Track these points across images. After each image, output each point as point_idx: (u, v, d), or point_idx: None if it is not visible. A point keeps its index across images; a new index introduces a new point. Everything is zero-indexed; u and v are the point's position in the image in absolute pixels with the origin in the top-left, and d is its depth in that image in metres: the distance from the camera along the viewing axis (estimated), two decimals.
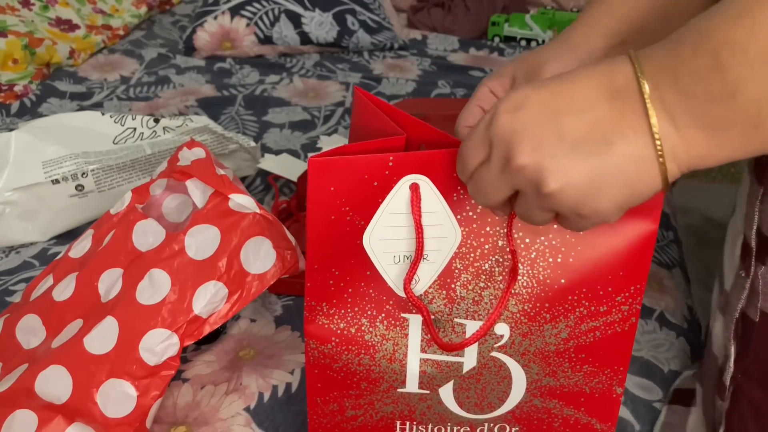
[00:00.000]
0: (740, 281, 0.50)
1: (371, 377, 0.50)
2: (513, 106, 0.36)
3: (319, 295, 0.48)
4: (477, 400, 0.51)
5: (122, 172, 0.90)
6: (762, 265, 0.48)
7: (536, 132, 0.36)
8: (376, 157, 0.42)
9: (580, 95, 0.36)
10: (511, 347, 0.48)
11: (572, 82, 0.36)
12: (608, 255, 0.45)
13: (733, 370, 0.51)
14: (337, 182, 0.43)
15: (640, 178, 0.35)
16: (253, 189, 1.03)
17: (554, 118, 0.35)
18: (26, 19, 1.38)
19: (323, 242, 0.46)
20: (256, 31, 1.50)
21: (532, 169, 0.36)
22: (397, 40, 1.60)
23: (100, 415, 0.56)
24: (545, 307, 0.47)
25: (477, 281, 0.47)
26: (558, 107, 0.36)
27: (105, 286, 0.62)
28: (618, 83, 0.35)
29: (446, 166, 0.43)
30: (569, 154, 0.35)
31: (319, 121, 1.25)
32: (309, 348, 0.50)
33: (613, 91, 0.35)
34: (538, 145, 0.35)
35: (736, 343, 0.50)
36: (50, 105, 1.26)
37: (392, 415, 0.52)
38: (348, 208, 0.44)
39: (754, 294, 0.49)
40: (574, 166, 0.35)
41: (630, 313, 0.47)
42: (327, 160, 0.42)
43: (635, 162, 0.35)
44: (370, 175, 0.43)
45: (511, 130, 0.36)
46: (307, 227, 0.45)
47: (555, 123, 0.35)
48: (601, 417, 0.51)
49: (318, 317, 0.49)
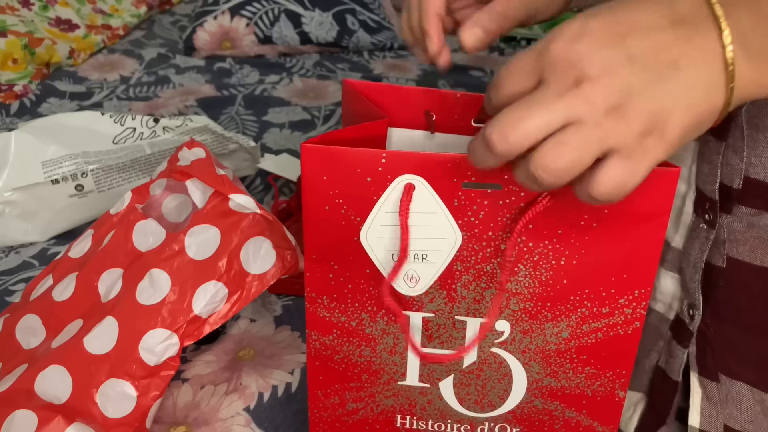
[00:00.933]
0: (700, 234, 0.52)
1: (372, 369, 0.51)
2: (572, 35, 0.34)
3: (319, 287, 0.48)
4: (477, 397, 0.51)
5: (122, 172, 0.90)
6: (727, 215, 0.49)
7: (606, 55, 0.34)
8: (369, 152, 0.42)
9: (642, 20, 0.34)
10: (512, 344, 0.48)
11: (630, 10, 0.35)
12: (613, 258, 0.45)
13: (701, 317, 0.52)
14: (329, 172, 0.43)
15: (707, 105, 0.34)
16: (253, 189, 1.03)
17: (621, 40, 0.34)
18: (26, 18, 1.38)
19: (319, 232, 0.46)
20: (256, 31, 1.50)
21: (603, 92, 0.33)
22: (397, 40, 1.60)
23: (99, 415, 0.56)
24: (546, 306, 0.47)
25: (478, 282, 0.47)
26: (622, 31, 0.34)
27: (105, 286, 0.62)
28: (681, 9, 0.34)
29: (445, 170, 0.43)
30: (641, 74, 0.34)
31: (319, 121, 1.25)
32: (310, 339, 0.50)
33: (676, 18, 0.34)
34: (611, 66, 0.34)
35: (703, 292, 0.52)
36: (50, 105, 1.26)
37: (392, 409, 0.52)
38: (342, 200, 0.44)
39: (718, 243, 0.50)
40: (648, 88, 0.34)
41: (634, 317, 0.47)
42: (319, 148, 0.42)
43: (706, 88, 0.34)
44: (363, 169, 0.43)
45: (577, 57, 0.34)
46: (302, 215, 0.45)
47: (623, 45, 0.34)
48: (603, 420, 0.51)
49: (319, 309, 0.49)
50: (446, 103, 0.55)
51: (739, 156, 0.48)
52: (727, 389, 0.52)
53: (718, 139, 0.49)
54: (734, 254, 0.50)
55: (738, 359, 0.51)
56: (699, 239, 0.52)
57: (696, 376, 0.54)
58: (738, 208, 0.49)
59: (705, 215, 0.51)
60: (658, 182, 0.42)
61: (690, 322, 0.53)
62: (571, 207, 0.43)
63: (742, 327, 0.51)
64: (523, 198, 0.43)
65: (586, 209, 0.43)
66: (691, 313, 0.53)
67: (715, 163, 0.49)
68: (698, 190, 0.52)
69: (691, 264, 0.53)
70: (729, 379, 0.52)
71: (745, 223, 0.49)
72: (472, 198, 0.44)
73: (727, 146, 0.48)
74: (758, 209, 0.48)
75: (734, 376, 0.52)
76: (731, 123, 0.48)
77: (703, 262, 0.52)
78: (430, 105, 0.55)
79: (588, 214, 0.43)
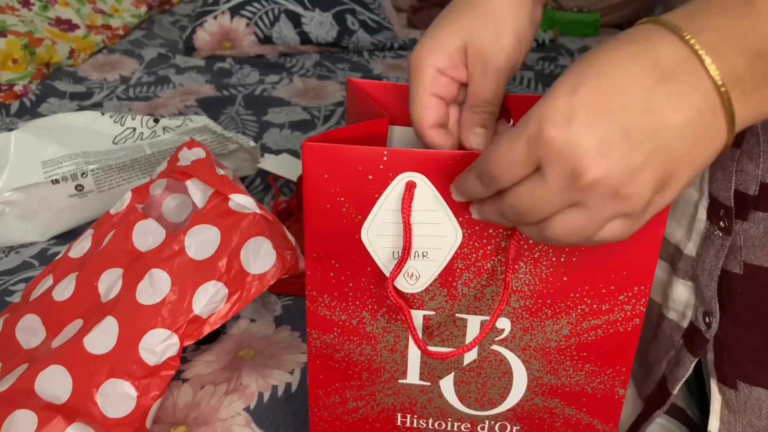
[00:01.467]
0: (715, 241, 0.51)
1: (372, 367, 0.51)
2: (562, 118, 0.33)
3: (319, 285, 0.48)
4: (478, 395, 0.51)
5: (122, 172, 0.90)
6: (744, 221, 0.49)
7: (599, 138, 0.32)
8: (370, 150, 0.42)
9: (628, 85, 0.33)
10: (512, 341, 0.48)
11: (612, 74, 0.33)
12: (612, 255, 0.45)
13: (718, 324, 0.52)
14: (330, 170, 0.43)
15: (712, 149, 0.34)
16: (253, 189, 1.03)
17: (610, 115, 0.32)
18: (26, 18, 1.38)
19: (320, 230, 0.46)
20: (256, 31, 1.50)
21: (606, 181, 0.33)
22: (397, 40, 1.60)
23: (99, 415, 0.56)
24: (546, 303, 0.47)
25: (479, 279, 0.47)
26: (609, 103, 0.33)
27: (105, 286, 0.62)
28: (667, 63, 0.33)
29: (447, 168, 0.43)
30: (639, 148, 0.32)
31: (319, 121, 1.25)
32: (311, 338, 0.50)
33: (662, 74, 0.33)
34: (607, 149, 0.32)
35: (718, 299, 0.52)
36: (50, 105, 1.26)
37: (393, 407, 0.52)
38: (343, 198, 0.44)
39: (734, 250, 0.50)
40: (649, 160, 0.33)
41: (633, 314, 0.47)
42: (320, 146, 0.42)
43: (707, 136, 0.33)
44: (364, 167, 0.43)
45: (572, 144, 0.33)
46: (303, 214, 0.45)
47: (613, 121, 0.32)
48: (603, 418, 0.51)
49: (319, 308, 0.49)
50: None
51: (755, 162, 0.47)
52: (746, 396, 0.51)
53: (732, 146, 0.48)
54: (751, 260, 0.49)
55: (758, 365, 0.51)
56: (714, 246, 0.51)
57: (715, 382, 0.53)
58: (754, 214, 0.48)
59: (720, 222, 0.50)
60: None
61: (707, 330, 0.53)
62: None
63: (761, 332, 0.50)
64: None
65: None
66: (708, 320, 0.52)
67: (730, 170, 0.48)
68: (711, 197, 0.51)
69: (706, 272, 0.52)
70: (747, 386, 0.51)
71: (762, 228, 0.48)
72: None
73: (742, 153, 0.47)
74: None
75: (753, 383, 0.51)
76: (746, 130, 0.47)
77: (719, 269, 0.51)
78: None
79: None
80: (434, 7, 1.75)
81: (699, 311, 0.54)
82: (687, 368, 0.54)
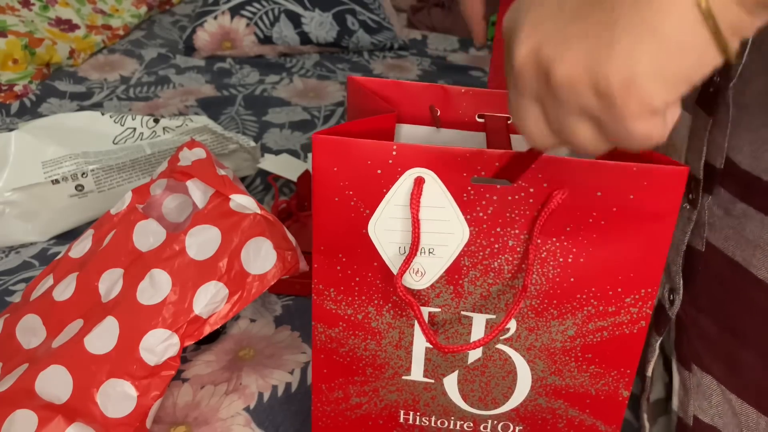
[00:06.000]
0: (683, 214, 0.51)
1: (377, 363, 0.50)
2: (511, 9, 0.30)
3: (326, 279, 0.48)
4: (481, 394, 0.51)
5: (122, 172, 0.90)
6: (709, 195, 0.48)
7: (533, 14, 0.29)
8: (380, 144, 0.42)
9: None
10: (517, 341, 0.48)
11: None
12: (620, 257, 0.44)
13: (680, 303, 0.52)
14: (339, 163, 0.43)
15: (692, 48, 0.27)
16: (253, 189, 1.03)
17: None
18: (26, 19, 1.38)
19: (328, 223, 0.46)
20: (256, 31, 1.50)
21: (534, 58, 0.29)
22: (397, 40, 1.60)
23: (100, 415, 0.56)
24: (553, 304, 0.47)
25: (486, 278, 0.46)
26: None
27: (105, 286, 0.62)
28: None
29: (456, 165, 0.43)
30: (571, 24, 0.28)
31: (319, 121, 1.25)
32: (316, 332, 0.50)
33: None
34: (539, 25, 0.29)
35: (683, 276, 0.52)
36: (50, 105, 1.26)
37: (396, 404, 0.52)
38: (351, 192, 0.44)
39: (699, 225, 0.49)
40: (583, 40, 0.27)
41: (639, 316, 0.46)
42: (330, 139, 0.42)
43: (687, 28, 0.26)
44: (373, 161, 0.43)
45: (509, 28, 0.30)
46: (312, 206, 0.45)
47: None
48: (606, 419, 0.51)
49: (325, 302, 0.49)
50: (450, 98, 0.55)
51: (723, 133, 0.46)
52: (698, 380, 0.51)
53: (707, 114, 0.48)
54: (711, 240, 0.49)
55: (710, 352, 0.51)
56: (681, 219, 0.51)
57: (675, 361, 0.54)
58: (718, 191, 0.48)
59: (689, 194, 0.50)
60: (666, 182, 0.42)
61: (670, 307, 0.53)
62: (580, 205, 0.43)
63: (715, 320, 0.50)
64: (532, 194, 0.43)
65: (595, 207, 0.43)
66: (671, 297, 0.53)
67: (703, 139, 0.48)
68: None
69: (674, 246, 0.52)
70: (700, 371, 0.51)
71: (722, 209, 0.48)
72: (482, 193, 0.43)
73: (714, 123, 0.47)
74: (734, 196, 0.47)
75: (705, 369, 0.51)
76: (719, 97, 0.46)
77: (684, 243, 0.51)
78: (434, 100, 0.55)
79: (596, 212, 0.43)
80: (434, 7, 1.75)
81: (665, 287, 0.54)
82: (654, 348, 0.54)
